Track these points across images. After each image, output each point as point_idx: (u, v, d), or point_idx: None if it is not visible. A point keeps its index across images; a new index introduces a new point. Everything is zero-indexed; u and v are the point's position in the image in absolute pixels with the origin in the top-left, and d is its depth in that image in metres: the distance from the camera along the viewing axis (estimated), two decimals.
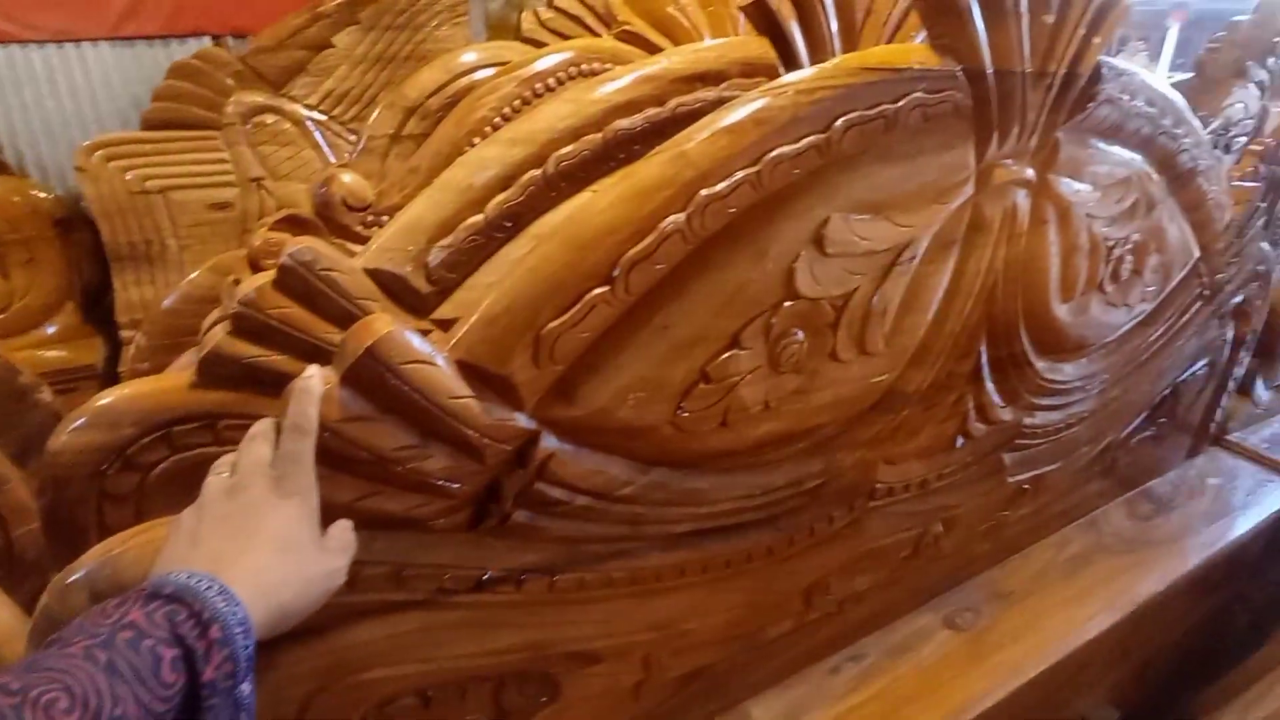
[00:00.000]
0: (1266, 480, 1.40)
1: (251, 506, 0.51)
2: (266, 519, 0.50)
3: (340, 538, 0.54)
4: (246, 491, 0.51)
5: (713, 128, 0.58)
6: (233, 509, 0.51)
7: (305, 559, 0.51)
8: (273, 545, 0.50)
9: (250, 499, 0.51)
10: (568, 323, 0.57)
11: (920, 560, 1.02)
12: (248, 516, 0.50)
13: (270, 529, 0.50)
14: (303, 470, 0.52)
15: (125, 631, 0.41)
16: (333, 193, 1.02)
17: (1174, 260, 1.06)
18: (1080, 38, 0.75)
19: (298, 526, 0.51)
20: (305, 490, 0.52)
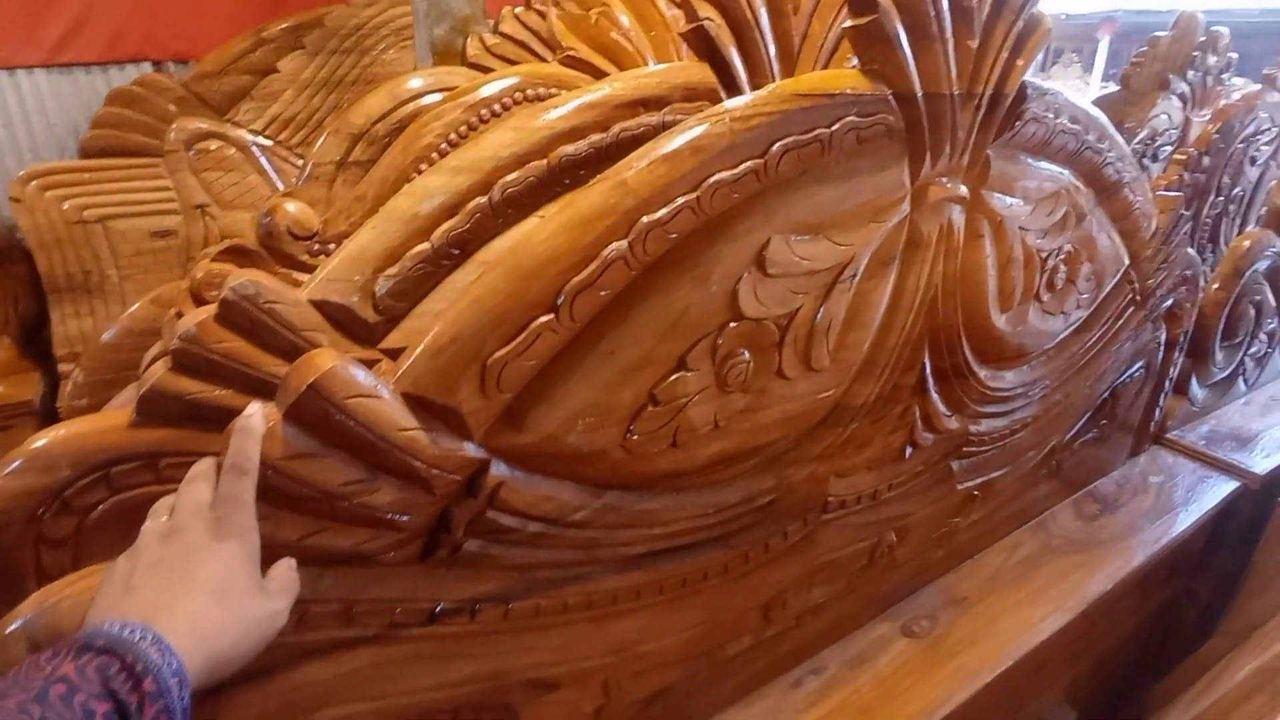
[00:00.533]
0: (1205, 476, 1.45)
1: (188, 551, 0.50)
2: (203, 563, 0.49)
3: (281, 579, 0.53)
4: (183, 535, 0.50)
5: (651, 156, 0.59)
6: (168, 554, 0.50)
7: (244, 603, 0.50)
8: (209, 591, 0.49)
9: (187, 543, 0.50)
10: (514, 351, 0.57)
11: (875, 570, 1.04)
12: (184, 561, 0.49)
13: (207, 574, 0.49)
14: (242, 511, 0.51)
15: (58, 686, 0.40)
16: (277, 222, 1.00)
17: (1105, 268, 1.10)
18: (1004, 60, 0.78)
19: (236, 570, 0.50)
20: (244, 532, 0.51)
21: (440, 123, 1.09)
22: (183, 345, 0.55)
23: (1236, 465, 1.45)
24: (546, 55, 1.31)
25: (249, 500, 0.51)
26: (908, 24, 0.70)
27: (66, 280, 1.98)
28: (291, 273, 0.99)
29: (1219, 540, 1.45)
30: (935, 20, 0.71)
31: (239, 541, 0.51)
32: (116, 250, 2.05)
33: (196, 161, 2.12)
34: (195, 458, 0.58)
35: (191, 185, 2.12)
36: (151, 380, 0.56)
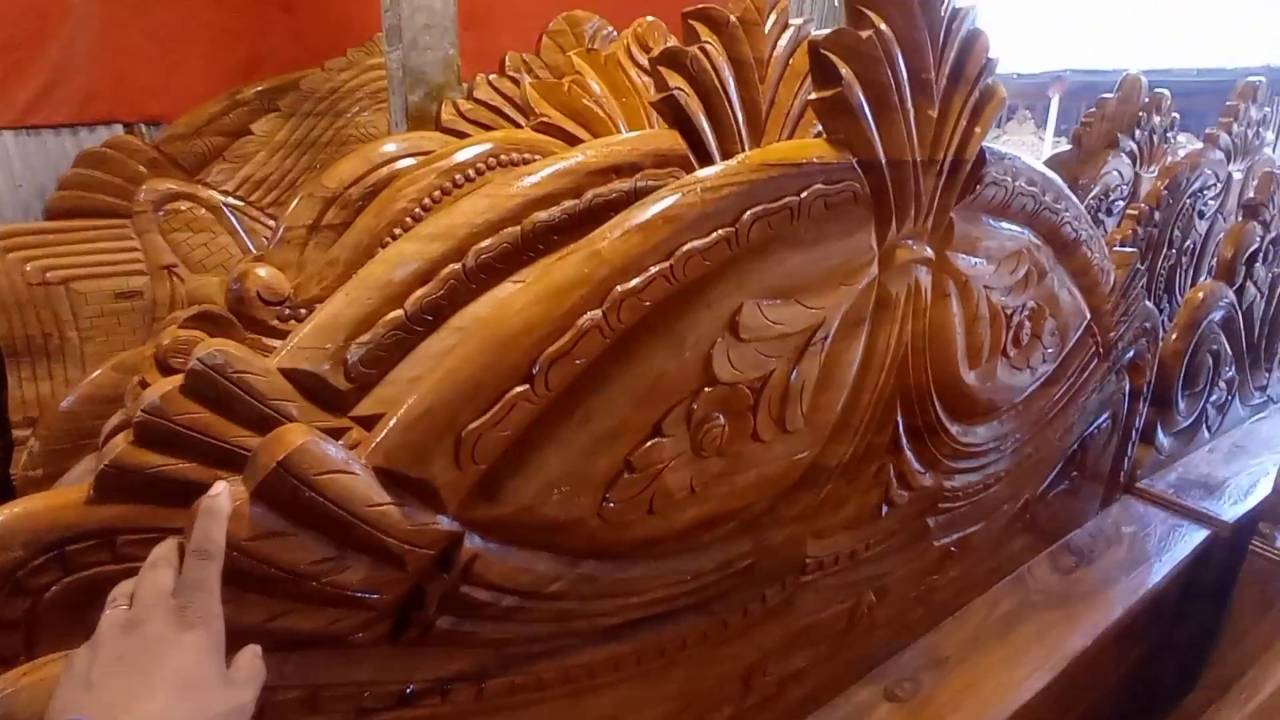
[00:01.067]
0: (1177, 525, 1.46)
1: (150, 643, 0.48)
2: (167, 657, 0.47)
3: (247, 668, 0.51)
4: (144, 626, 0.48)
5: (625, 225, 0.60)
6: (129, 647, 0.47)
7: (209, 698, 0.48)
8: (173, 687, 0.46)
9: (148, 635, 0.48)
10: (489, 422, 0.57)
11: (856, 632, 1.03)
12: (146, 655, 0.47)
13: (170, 668, 0.47)
14: (207, 598, 0.49)
15: None
16: (248, 287, 1.00)
17: (1068, 323, 1.13)
18: (963, 128, 0.81)
19: (201, 662, 0.48)
20: (209, 619, 0.49)
21: (414, 187, 1.10)
22: (146, 417, 0.54)
23: (1206, 513, 1.47)
24: (520, 121, 1.33)
25: (214, 586, 0.49)
26: (870, 95, 0.72)
27: (25, 343, 1.94)
28: (261, 338, 0.99)
29: (1194, 589, 1.46)
30: (896, 91, 0.74)
31: (204, 631, 0.49)
32: (78, 312, 2.01)
33: (165, 222, 2.11)
34: (155, 534, 0.57)
35: (159, 246, 2.11)
36: (112, 454, 0.54)
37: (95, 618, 0.56)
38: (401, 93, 1.44)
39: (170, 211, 2.11)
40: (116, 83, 2.06)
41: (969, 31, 0.79)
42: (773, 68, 0.96)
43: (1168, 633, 1.49)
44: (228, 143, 2.20)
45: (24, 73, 1.93)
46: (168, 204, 2.11)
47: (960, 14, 0.78)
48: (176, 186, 2.12)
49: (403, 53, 1.41)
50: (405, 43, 1.40)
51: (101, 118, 2.07)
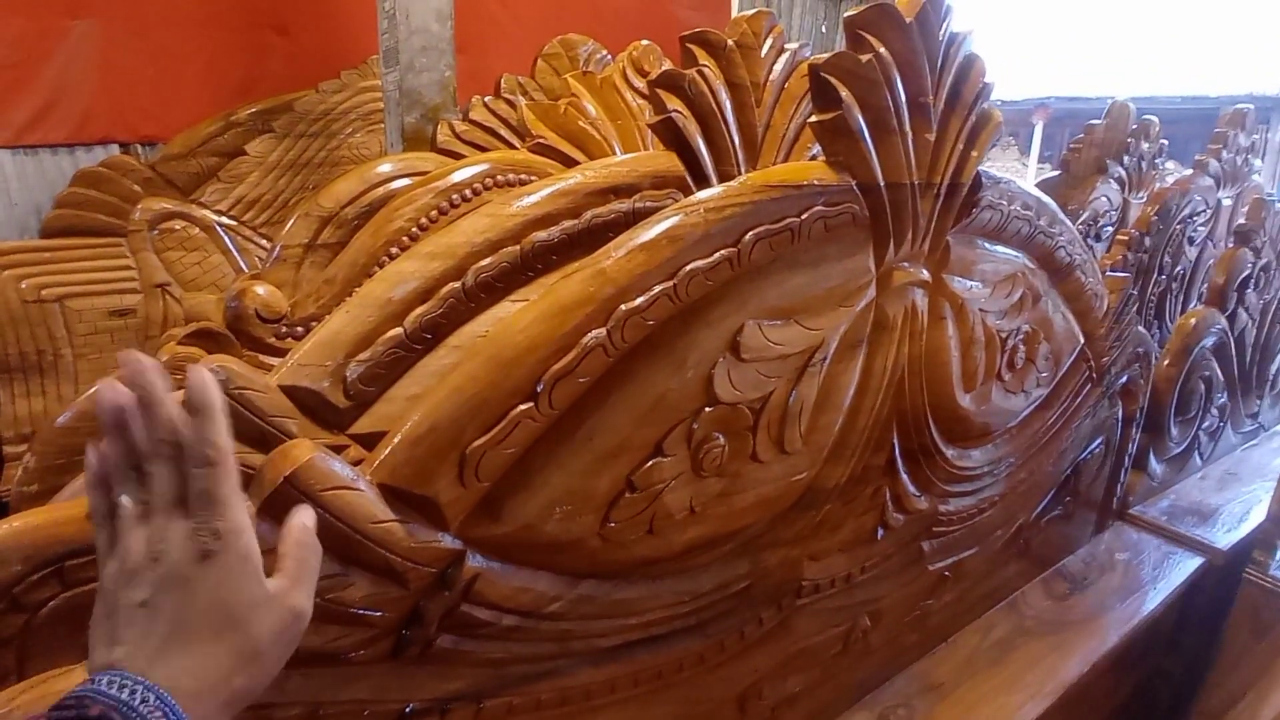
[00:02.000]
0: (1170, 552, 1.46)
1: (174, 579, 0.42)
2: (193, 595, 0.42)
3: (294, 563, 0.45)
4: (169, 559, 0.42)
5: (629, 245, 0.60)
6: (157, 583, 0.42)
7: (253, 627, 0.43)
8: (208, 627, 0.42)
9: (163, 574, 0.42)
10: (493, 440, 0.57)
11: (850, 656, 1.02)
12: (175, 591, 0.42)
13: (199, 607, 0.42)
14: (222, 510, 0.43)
15: None
16: (246, 305, 1.00)
17: (1062, 347, 1.14)
18: (959, 152, 0.82)
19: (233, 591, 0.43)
20: (232, 536, 0.43)
21: (411, 207, 1.11)
22: None
23: (1200, 540, 1.47)
24: (515, 142, 1.34)
25: (227, 495, 0.44)
26: (869, 119, 0.73)
27: (19, 360, 1.93)
28: (258, 356, 0.98)
29: (1188, 617, 1.45)
30: (894, 115, 0.75)
31: (229, 554, 0.43)
32: (72, 329, 2.02)
33: (160, 241, 2.12)
34: None
35: (153, 264, 2.11)
36: None
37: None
38: (398, 114, 1.45)
39: (165, 230, 2.12)
40: (113, 103, 2.07)
41: (966, 56, 0.81)
42: (769, 91, 0.97)
43: (1162, 660, 1.48)
44: (222, 163, 2.21)
45: (22, 93, 1.94)
46: (162, 223, 2.12)
47: (958, 39, 0.79)
48: (171, 206, 2.13)
49: (399, 74, 1.42)
50: (402, 65, 1.41)
51: (98, 138, 2.08)
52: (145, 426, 0.45)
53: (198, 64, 2.15)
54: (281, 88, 2.27)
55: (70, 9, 1.93)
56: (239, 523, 0.44)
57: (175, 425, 0.44)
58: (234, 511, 0.44)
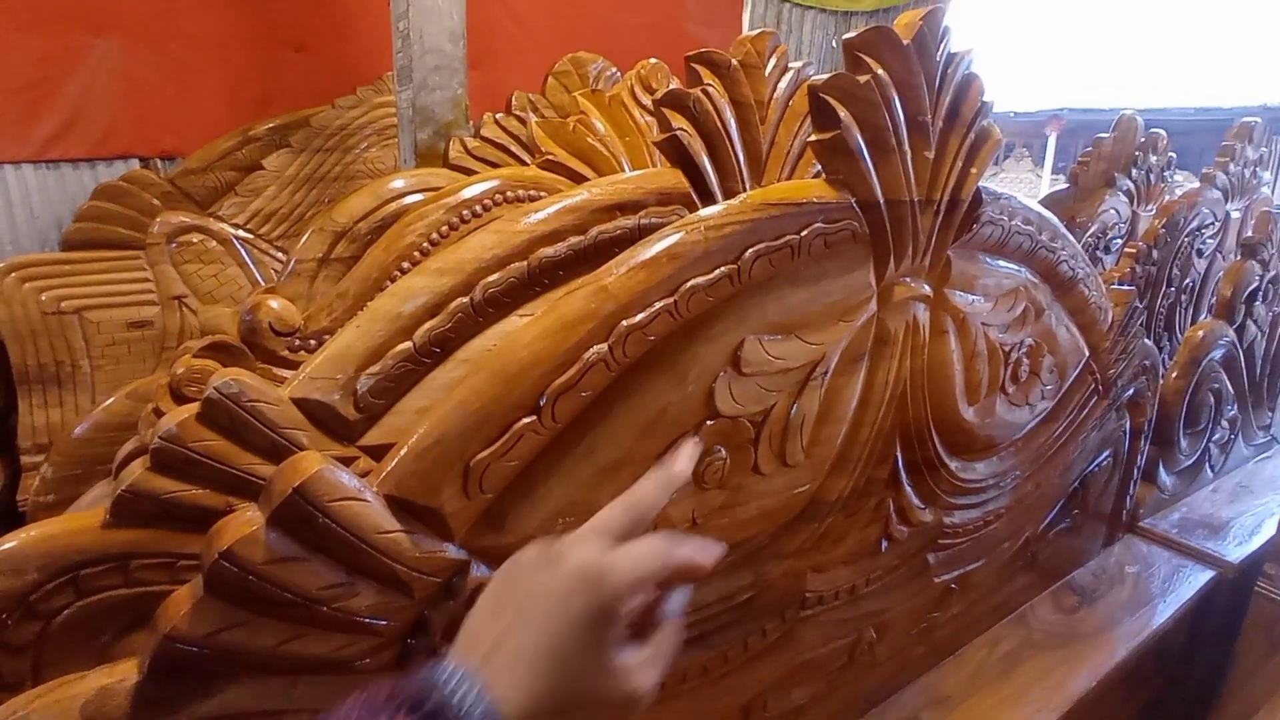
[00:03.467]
0: (1181, 566, 1.45)
1: (546, 592, 0.43)
2: (551, 618, 0.42)
3: (654, 652, 0.45)
4: (556, 566, 0.44)
5: (631, 262, 0.62)
6: (531, 590, 0.44)
7: (588, 684, 0.42)
8: (550, 658, 0.42)
9: (551, 580, 0.43)
10: (496, 452, 0.58)
11: (856, 668, 1.02)
12: (538, 606, 0.43)
13: (550, 635, 0.42)
14: (627, 557, 0.44)
15: None
16: (260, 318, 1.02)
17: (1067, 360, 1.14)
18: (959, 169, 0.83)
19: (582, 640, 0.42)
20: (610, 592, 0.43)
21: (423, 222, 1.13)
22: (163, 444, 0.55)
23: (1211, 554, 1.46)
24: (526, 159, 1.36)
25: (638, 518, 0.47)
26: (868, 137, 0.74)
27: (38, 371, 1.97)
28: (272, 368, 1.00)
29: (1200, 631, 1.44)
30: (893, 134, 0.76)
31: (596, 600, 0.43)
32: (90, 341, 2.05)
33: (177, 254, 2.15)
34: (168, 559, 0.58)
35: (170, 276, 2.15)
36: (129, 480, 0.56)
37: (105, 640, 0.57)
38: (411, 130, 1.48)
39: (182, 243, 2.16)
40: (134, 119, 2.11)
41: (964, 76, 0.82)
42: (773, 109, 0.98)
43: (1174, 676, 1.47)
44: (239, 177, 2.25)
45: (45, 109, 1.99)
46: (180, 236, 2.16)
47: (956, 59, 0.81)
48: (189, 219, 2.17)
49: (413, 92, 1.45)
50: (416, 83, 1.44)
51: (119, 153, 2.13)
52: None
53: (216, 80, 2.19)
54: (298, 104, 2.31)
55: (92, 27, 1.98)
56: (639, 567, 0.46)
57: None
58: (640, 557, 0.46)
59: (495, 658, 0.42)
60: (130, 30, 2.02)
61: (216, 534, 0.50)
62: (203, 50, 2.14)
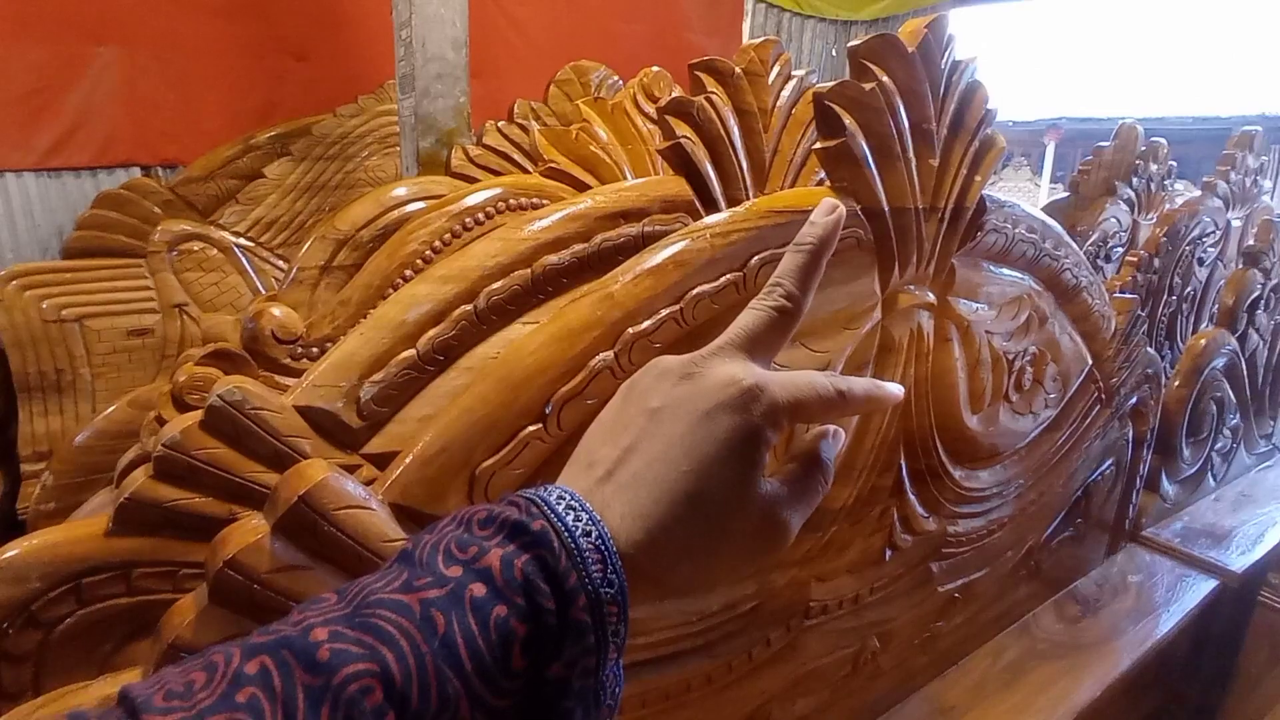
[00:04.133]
0: (1184, 575, 1.45)
1: (687, 407, 0.38)
2: (690, 437, 0.37)
3: (802, 478, 0.40)
4: (702, 377, 0.39)
5: (637, 270, 0.62)
6: (672, 402, 0.38)
7: (724, 522, 0.37)
8: (685, 486, 0.36)
9: (695, 392, 0.38)
10: (502, 460, 0.58)
11: (860, 678, 1.02)
12: (676, 422, 0.37)
13: (689, 458, 0.37)
14: (786, 380, 0.38)
15: (477, 586, 0.31)
16: (262, 326, 1.02)
17: (1070, 368, 1.14)
18: (963, 177, 0.83)
19: (725, 464, 0.37)
20: (764, 412, 0.38)
21: (425, 230, 1.13)
22: (166, 452, 0.55)
23: (1214, 563, 1.46)
24: (528, 166, 1.36)
25: (800, 275, 0.42)
26: (873, 145, 0.74)
27: (38, 379, 1.97)
28: (274, 376, 1.00)
29: (1203, 641, 1.44)
30: (898, 141, 0.76)
31: (749, 421, 0.37)
32: (91, 349, 2.05)
33: (178, 262, 2.15)
34: (170, 567, 0.58)
35: (171, 284, 2.15)
36: (132, 488, 0.56)
37: (106, 650, 0.56)
38: (413, 139, 1.48)
39: (183, 252, 2.16)
40: (135, 127, 2.12)
41: (969, 84, 0.82)
42: (776, 117, 0.99)
43: (1177, 685, 1.46)
44: (241, 185, 2.26)
45: (47, 117, 1.99)
46: (181, 244, 2.16)
47: (960, 67, 0.81)
48: (190, 227, 2.17)
49: (415, 100, 1.45)
50: (418, 91, 1.44)
51: (120, 161, 2.13)
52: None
53: (218, 89, 2.20)
54: (300, 112, 2.32)
55: (94, 36, 1.98)
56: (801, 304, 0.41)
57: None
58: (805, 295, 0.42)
59: (614, 480, 0.37)
60: (131, 38, 2.02)
61: (221, 542, 0.50)
62: (204, 58, 2.14)
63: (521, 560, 0.32)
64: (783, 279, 0.45)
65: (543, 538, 0.33)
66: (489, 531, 0.34)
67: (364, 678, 0.28)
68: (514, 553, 0.32)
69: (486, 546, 0.33)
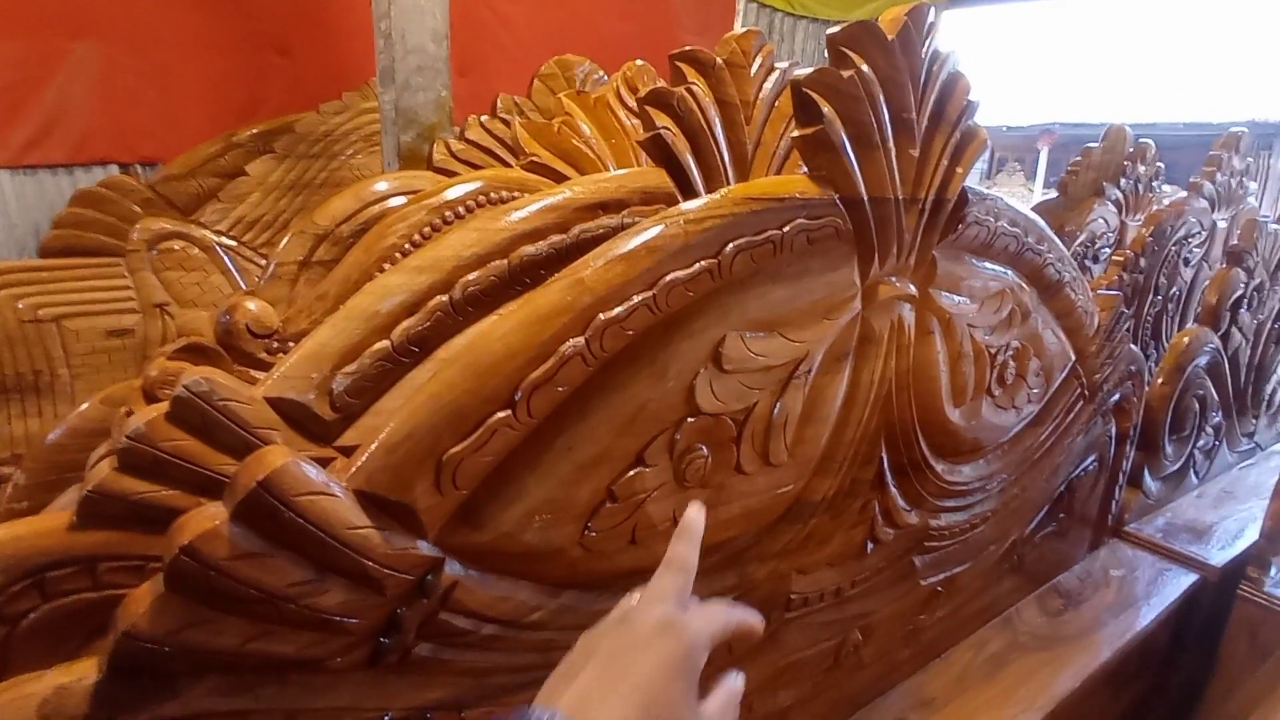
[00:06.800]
0: (1165, 569, 1.46)
1: (630, 644, 0.47)
2: (637, 664, 0.46)
3: (722, 705, 0.50)
4: (632, 626, 0.48)
5: (609, 255, 0.61)
6: (616, 644, 0.47)
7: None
8: (637, 700, 0.44)
9: (632, 637, 0.47)
10: (470, 447, 0.57)
11: (842, 671, 1.01)
12: (623, 658, 0.46)
13: (638, 678, 0.45)
14: (696, 614, 0.49)
15: None
16: (237, 320, 1.00)
17: (1053, 364, 1.14)
18: (944, 168, 0.83)
19: (668, 681, 0.46)
20: (690, 642, 0.48)
21: (404, 224, 1.11)
22: (130, 444, 0.54)
23: (1195, 557, 1.47)
24: (510, 161, 1.35)
25: (682, 599, 0.51)
26: (851, 134, 0.74)
27: (15, 380, 1.93)
28: (249, 371, 0.99)
29: (1184, 635, 1.44)
30: (877, 130, 0.76)
31: (680, 649, 0.47)
32: (69, 349, 2.02)
33: (158, 261, 2.13)
34: (137, 561, 0.56)
35: (152, 284, 2.12)
36: (95, 480, 0.54)
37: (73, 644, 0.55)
38: (394, 133, 1.47)
39: (164, 251, 2.13)
40: (113, 124, 2.09)
41: (950, 74, 0.82)
42: (758, 109, 0.98)
43: (1158, 678, 1.47)
44: (222, 183, 2.23)
45: (22, 113, 1.96)
46: (161, 243, 2.13)
47: (941, 57, 0.80)
48: (170, 226, 2.14)
49: (395, 94, 1.44)
50: (398, 84, 1.43)
51: (98, 158, 2.10)
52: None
53: (198, 85, 2.17)
54: (282, 109, 2.29)
55: (71, 30, 1.96)
56: (701, 630, 0.50)
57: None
58: (705, 619, 0.51)
59: (586, 702, 0.44)
60: (109, 33, 1.99)
61: (178, 529, 0.49)
62: (184, 54, 2.12)
63: None
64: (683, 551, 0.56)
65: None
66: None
67: None
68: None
69: None
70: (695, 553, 0.55)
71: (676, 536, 0.56)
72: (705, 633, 0.50)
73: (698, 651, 0.48)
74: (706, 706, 0.49)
